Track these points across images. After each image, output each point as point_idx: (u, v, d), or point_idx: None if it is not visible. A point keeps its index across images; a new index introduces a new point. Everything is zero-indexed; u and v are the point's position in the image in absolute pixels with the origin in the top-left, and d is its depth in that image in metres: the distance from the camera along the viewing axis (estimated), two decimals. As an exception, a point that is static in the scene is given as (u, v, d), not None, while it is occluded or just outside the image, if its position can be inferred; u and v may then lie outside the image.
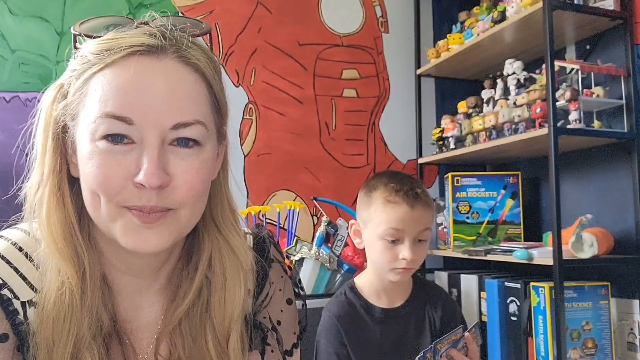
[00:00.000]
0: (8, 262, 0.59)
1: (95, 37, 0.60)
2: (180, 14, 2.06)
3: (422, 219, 1.28)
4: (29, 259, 0.60)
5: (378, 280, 1.35)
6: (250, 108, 2.15)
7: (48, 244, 0.59)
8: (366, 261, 1.45)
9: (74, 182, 0.62)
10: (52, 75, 1.88)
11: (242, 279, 0.66)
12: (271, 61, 2.17)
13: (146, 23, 0.61)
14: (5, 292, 0.58)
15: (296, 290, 0.78)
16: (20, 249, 0.61)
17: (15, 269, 0.59)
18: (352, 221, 1.41)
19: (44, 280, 0.59)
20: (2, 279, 0.58)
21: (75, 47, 0.62)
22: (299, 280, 0.80)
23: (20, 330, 0.57)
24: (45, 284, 0.59)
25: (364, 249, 1.39)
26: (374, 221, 1.30)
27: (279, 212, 2.04)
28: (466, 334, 1.18)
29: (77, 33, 0.62)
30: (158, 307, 0.67)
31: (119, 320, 0.64)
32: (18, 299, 0.58)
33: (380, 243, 1.28)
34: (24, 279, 0.59)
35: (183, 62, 0.59)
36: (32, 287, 0.59)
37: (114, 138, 0.56)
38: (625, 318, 1.63)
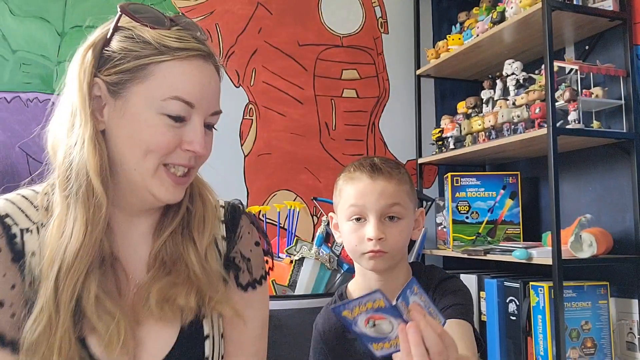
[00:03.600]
0: (11, 202, 0.75)
1: (152, 28, 0.75)
2: (180, 15, 2.06)
3: (386, 191, 1.10)
4: (31, 204, 0.76)
5: (365, 282, 1.19)
6: (251, 108, 2.15)
7: (83, 183, 0.71)
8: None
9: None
10: (53, 76, 1.88)
11: (214, 206, 0.86)
12: (271, 61, 2.18)
13: (172, 19, 0.78)
14: (7, 220, 0.73)
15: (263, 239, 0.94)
16: (23, 197, 0.76)
17: (18, 207, 0.75)
18: (330, 214, 1.25)
19: (49, 220, 0.73)
20: (6, 212, 0.74)
21: (117, 26, 0.75)
22: (265, 232, 0.97)
23: (15, 248, 0.72)
24: (51, 222, 0.72)
25: None
26: (340, 204, 1.17)
27: (279, 212, 2.04)
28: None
29: (124, 12, 0.75)
30: (147, 243, 0.82)
31: (114, 253, 0.77)
32: (17, 225, 0.73)
33: (346, 226, 1.13)
34: (25, 214, 0.75)
35: (215, 67, 0.79)
36: (30, 220, 0.74)
37: (176, 118, 0.74)
38: (625, 318, 1.63)
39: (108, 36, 0.75)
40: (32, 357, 0.68)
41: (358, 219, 1.11)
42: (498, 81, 1.92)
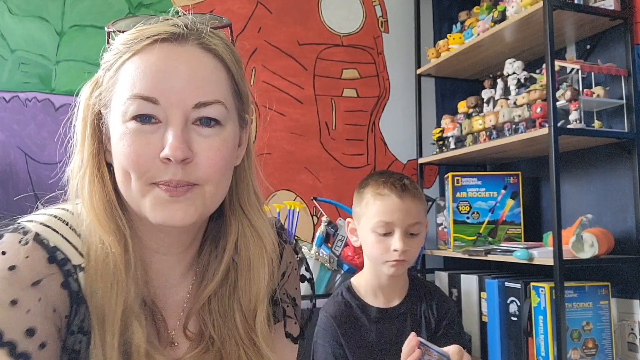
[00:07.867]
0: (55, 230, 0.62)
1: (124, 32, 0.65)
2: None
3: (412, 211, 1.29)
4: (73, 230, 0.63)
5: (375, 279, 1.35)
6: (250, 108, 2.14)
7: (92, 219, 0.63)
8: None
9: (109, 168, 0.66)
10: (52, 75, 1.88)
11: (265, 261, 0.71)
12: (271, 61, 2.17)
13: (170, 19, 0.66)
14: (59, 254, 0.60)
15: (306, 273, 0.84)
16: (62, 221, 0.64)
17: (63, 237, 0.62)
18: (348, 219, 1.43)
19: (90, 253, 0.62)
20: (54, 244, 0.61)
21: (109, 44, 0.67)
22: (307, 261, 0.85)
23: (72, 289, 0.60)
24: (92, 257, 0.62)
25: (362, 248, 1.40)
26: (366, 215, 1.32)
27: (279, 212, 2.04)
28: None
29: (111, 30, 0.67)
30: (185, 287, 0.71)
31: (150, 296, 0.68)
32: (70, 261, 0.61)
33: (372, 236, 1.30)
34: (72, 245, 0.62)
35: (203, 48, 0.64)
36: (80, 253, 0.62)
37: (142, 118, 0.60)
38: (626, 318, 1.63)
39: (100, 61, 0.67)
40: None
41: (384, 233, 1.28)
42: (499, 80, 1.92)
